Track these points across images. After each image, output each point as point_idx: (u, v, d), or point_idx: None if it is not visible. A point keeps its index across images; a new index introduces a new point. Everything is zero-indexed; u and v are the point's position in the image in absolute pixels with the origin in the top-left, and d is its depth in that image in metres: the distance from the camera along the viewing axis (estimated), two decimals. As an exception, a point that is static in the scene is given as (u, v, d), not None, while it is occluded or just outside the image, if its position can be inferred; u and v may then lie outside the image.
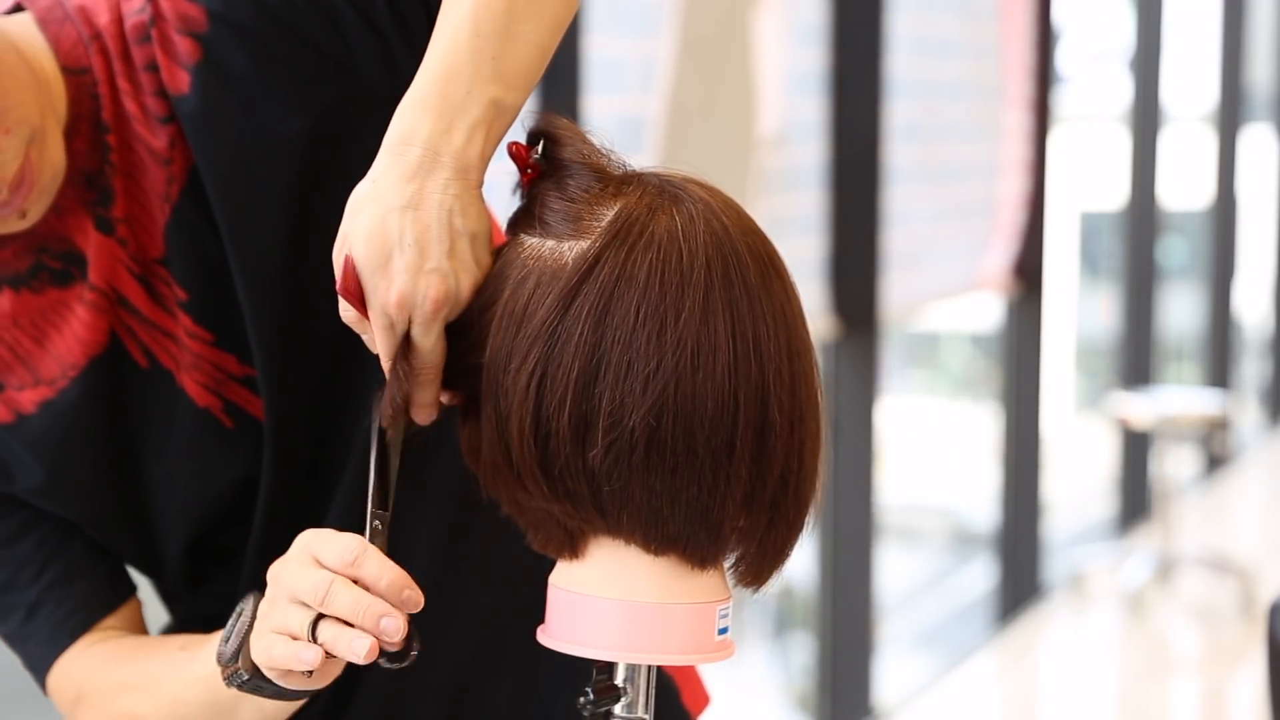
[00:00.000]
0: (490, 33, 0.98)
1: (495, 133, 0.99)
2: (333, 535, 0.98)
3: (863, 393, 3.87)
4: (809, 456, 0.95)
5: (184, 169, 1.10)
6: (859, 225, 3.81)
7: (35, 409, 1.13)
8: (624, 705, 0.98)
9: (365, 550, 0.96)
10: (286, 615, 0.97)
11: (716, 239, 0.93)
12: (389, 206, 0.96)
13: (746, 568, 0.98)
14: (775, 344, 0.93)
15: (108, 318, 1.12)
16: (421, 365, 0.99)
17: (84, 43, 1.10)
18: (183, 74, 1.09)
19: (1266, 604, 2.29)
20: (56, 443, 1.12)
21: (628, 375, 0.91)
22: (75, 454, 1.13)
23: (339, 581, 0.95)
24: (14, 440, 1.13)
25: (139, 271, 1.11)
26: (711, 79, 3.10)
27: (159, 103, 1.09)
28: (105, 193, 1.11)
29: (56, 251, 1.11)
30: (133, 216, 1.11)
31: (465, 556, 1.19)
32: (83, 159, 1.10)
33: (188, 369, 1.12)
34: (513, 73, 0.99)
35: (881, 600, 4.19)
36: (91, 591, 1.15)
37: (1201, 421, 5.51)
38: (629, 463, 0.92)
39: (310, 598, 0.96)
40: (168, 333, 1.12)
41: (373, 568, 0.96)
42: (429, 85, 0.97)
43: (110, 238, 1.11)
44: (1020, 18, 4.86)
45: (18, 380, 1.13)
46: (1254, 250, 8.59)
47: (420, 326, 0.97)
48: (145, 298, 1.12)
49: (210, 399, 1.13)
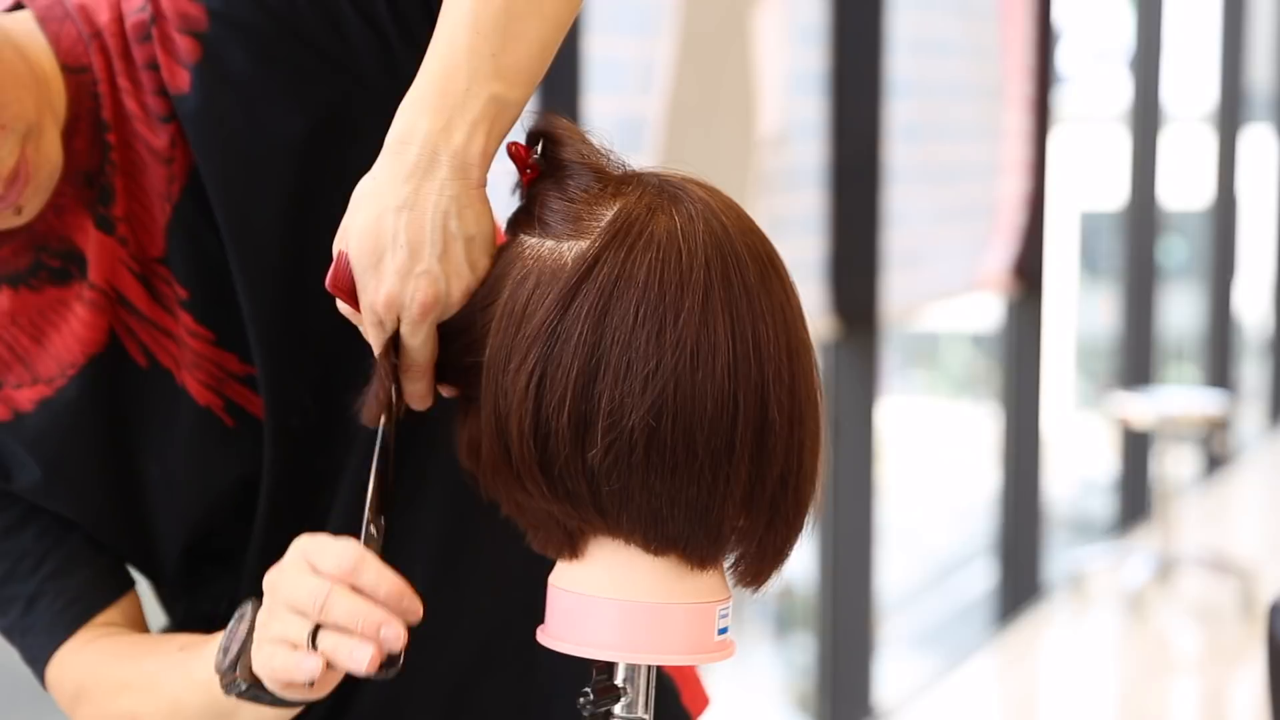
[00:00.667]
0: (490, 30, 0.97)
1: (497, 130, 0.98)
2: (329, 542, 0.97)
3: (863, 393, 3.87)
4: (808, 456, 0.95)
5: (185, 168, 1.10)
6: (859, 225, 3.81)
7: (33, 407, 1.12)
8: (624, 705, 0.98)
9: (363, 557, 0.95)
10: (286, 624, 0.96)
11: (716, 239, 0.93)
12: (385, 205, 0.96)
13: (746, 568, 0.98)
14: (775, 344, 0.93)
15: (107, 316, 1.12)
16: (410, 363, 0.99)
17: (84, 41, 1.10)
18: (183, 73, 1.09)
19: (1266, 604, 2.29)
20: (54, 442, 1.12)
21: (627, 375, 0.91)
22: (73, 453, 1.13)
23: (337, 590, 0.94)
24: (12, 439, 1.13)
25: (139, 270, 1.11)
26: (711, 79, 3.10)
27: (160, 101, 1.09)
28: (105, 191, 1.11)
29: (56, 250, 1.11)
30: (133, 215, 1.11)
31: (466, 557, 1.19)
32: (83, 158, 1.10)
33: (188, 368, 1.12)
34: (513, 69, 0.98)
35: (881, 600, 4.19)
36: (91, 583, 1.15)
37: (1201, 421, 5.51)
38: (628, 462, 0.91)
39: (308, 607, 0.95)
40: (167, 332, 1.12)
41: (371, 576, 0.95)
42: (428, 83, 0.97)
43: (110, 236, 1.11)
44: (1020, 18, 4.86)
45: (15, 379, 1.13)
46: (1254, 250, 8.59)
47: (408, 327, 0.97)
48: (145, 296, 1.12)
49: (211, 398, 1.13)
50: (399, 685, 1.04)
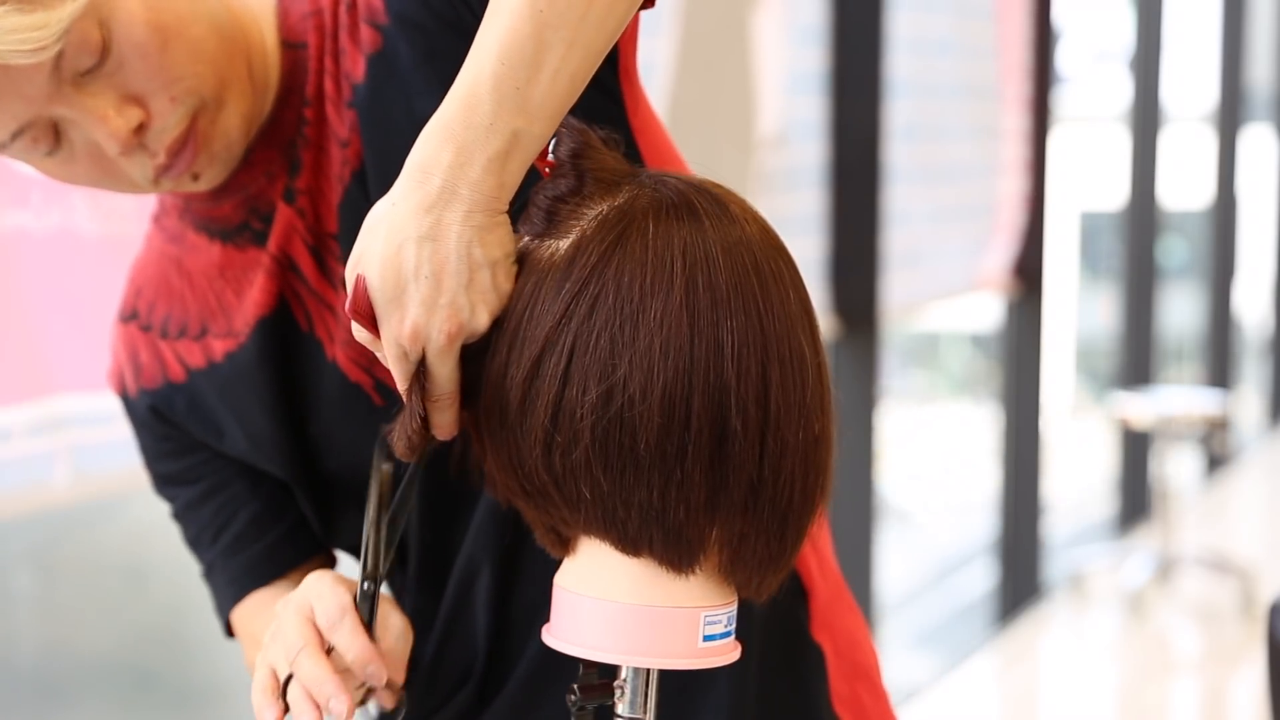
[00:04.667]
0: (517, 61, 0.94)
1: (515, 163, 0.96)
2: (329, 591, 1.04)
3: (863, 393, 3.87)
4: (790, 467, 0.94)
5: (357, 153, 1.13)
6: (859, 225, 3.81)
7: (223, 358, 1.19)
8: (626, 705, 0.98)
9: (343, 619, 1.02)
10: (275, 657, 1.03)
11: (689, 243, 0.93)
12: (406, 236, 0.94)
13: (737, 577, 0.97)
14: (745, 350, 0.92)
15: (278, 282, 1.16)
16: (438, 392, 0.98)
17: (306, 18, 1.14)
18: (361, 62, 1.13)
19: (1266, 604, 2.29)
20: (238, 393, 1.18)
21: (584, 376, 0.91)
22: (251, 407, 1.18)
23: (307, 650, 1.01)
24: (208, 387, 1.19)
25: (312, 243, 1.16)
26: (711, 79, 3.10)
27: (346, 86, 1.14)
28: (294, 163, 1.15)
29: (263, 213, 1.16)
30: (314, 189, 1.15)
31: (526, 566, 1.18)
32: (291, 129, 1.15)
33: (342, 345, 1.16)
34: (538, 103, 0.95)
35: (881, 600, 4.19)
36: (249, 566, 1.22)
37: (1201, 421, 5.51)
38: (579, 462, 0.92)
39: (286, 653, 1.02)
40: (329, 306, 1.16)
41: (343, 639, 1.02)
42: (453, 112, 0.95)
43: (290, 206, 1.15)
44: (1020, 18, 4.86)
45: (217, 328, 1.19)
46: (1254, 250, 8.59)
47: (435, 356, 0.97)
48: (314, 269, 1.16)
49: (361, 375, 1.16)
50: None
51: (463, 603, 1.18)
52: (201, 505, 1.23)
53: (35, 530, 2.42)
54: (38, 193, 1.85)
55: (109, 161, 1.09)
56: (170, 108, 1.07)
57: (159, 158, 1.08)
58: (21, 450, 1.87)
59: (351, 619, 1.02)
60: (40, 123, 1.06)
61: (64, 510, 2.23)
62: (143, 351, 1.22)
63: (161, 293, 1.22)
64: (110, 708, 2.65)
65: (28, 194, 1.83)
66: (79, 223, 1.90)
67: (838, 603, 1.26)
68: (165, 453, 1.24)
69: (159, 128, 1.07)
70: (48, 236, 1.87)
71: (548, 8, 0.93)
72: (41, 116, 1.05)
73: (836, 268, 3.80)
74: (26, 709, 2.34)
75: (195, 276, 1.20)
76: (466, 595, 1.18)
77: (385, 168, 1.10)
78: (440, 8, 1.11)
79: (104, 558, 2.67)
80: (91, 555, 2.65)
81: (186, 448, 1.23)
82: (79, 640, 2.57)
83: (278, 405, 1.18)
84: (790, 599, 1.21)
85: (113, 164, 1.09)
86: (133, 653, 2.71)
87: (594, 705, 0.99)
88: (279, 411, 1.18)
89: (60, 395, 1.90)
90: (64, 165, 1.09)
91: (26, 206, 1.84)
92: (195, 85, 1.08)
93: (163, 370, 1.21)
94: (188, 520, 1.25)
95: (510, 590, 1.17)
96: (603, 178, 0.97)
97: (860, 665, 1.26)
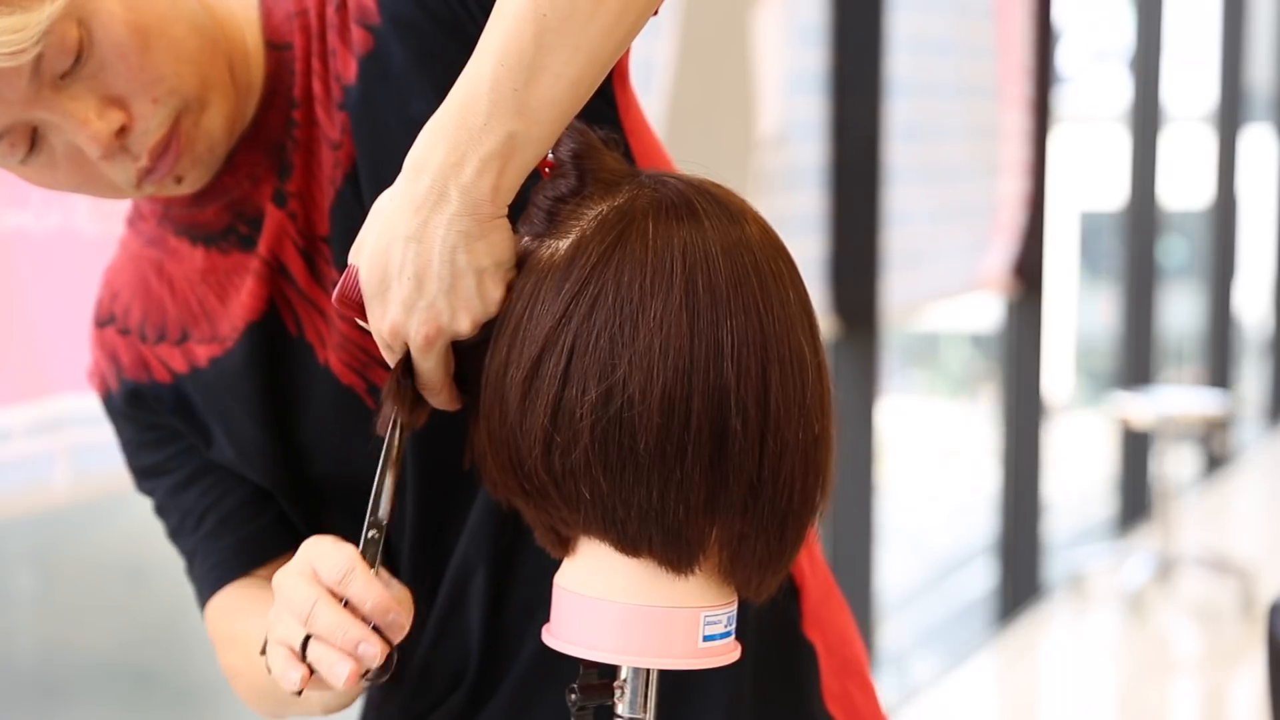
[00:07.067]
0: (515, 63, 0.93)
1: (514, 166, 0.95)
2: (331, 548, 0.98)
3: (863, 393, 3.87)
4: (790, 467, 0.94)
5: (349, 155, 1.12)
6: (859, 225, 3.81)
7: (207, 364, 1.17)
8: (626, 705, 0.98)
9: (353, 569, 0.97)
10: (287, 628, 0.98)
11: (689, 243, 0.93)
12: (395, 234, 0.95)
13: (737, 578, 0.97)
14: (744, 350, 0.92)
15: (268, 287, 1.15)
16: (424, 383, 0.99)
17: (291, 18, 1.13)
18: (353, 63, 1.11)
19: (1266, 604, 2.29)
20: (222, 398, 1.17)
21: (584, 376, 0.91)
22: (236, 411, 1.16)
23: (322, 602, 0.96)
24: (191, 391, 1.18)
25: (303, 246, 1.14)
26: (711, 79, 3.10)
27: (336, 88, 1.12)
28: (284, 166, 1.14)
29: (249, 217, 1.15)
30: (305, 192, 1.14)
31: (522, 567, 1.18)
32: (278, 131, 1.13)
33: (334, 348, 1.15)
34: (537, 106, 0.94)
35: (881, 600, 4.19)
36: (241, 545, 1.19)
37: (1201, 421, 5.52)
38: (578, 462, 0.92)
39: (299, 615, 0.97)
40: (320, 310, 1.15)
41: (358, 587, 0.96)
42: (449, 112, 0.95)
43: (281, 210, 1.14)
44: (1020, 17, 4.86)
45: (200, 333, 1.17)
46: (1254, 250, 8.59)
47: (416, 354, 0.98)
48: (305, 272, 1.15)
49: (353, 379, 1.15)
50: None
51: (456, 604, 1.17)
52: (185, 490, 1.21)
53: (35, 530, 2.42)
54: (38, 193, 1.85)
55: (90, 165, 1.07)
56: (152, 109, 1.05)
57: (141, 160, 1.07)
58: (21, 450, 1.87)
59: (363, 568, 0.97)
60: (19, 128, 1.04)
61: (64, 510, 2.22)
62: (124, 353, 1.21)
63: (138, 296, 1.20)
64: (110, 707, 2.65)
65: (28, 194, 1.83)
66: (79, 223, 1.89)
67: (828, 600, 1.26)
68: (148, 443, 1.22)
69: (141, 130, 1.05)
70: (47, 237, 1.87)
71: (551, 11, 0.93)
72: (21, 121, 1.03)
73: (836, 268, 3.80)
74: (26, 709, 2.34)
75: (176, 281, 1.18)
76: (460, 597, 1.17)
77: (378, 170, 1.10)
78: (436, 9, 1.09)
79: (104, 558, 2.67)
80: (91, 555, 2.65)
81: (169, 436, 1.21)
82: (79, 640, 2.57)
83: (264, 410, 1.16)
84: (782, 597, 1.21)
85: (94, 168, 1.07)
86: (132, 652, 2.71)
87: (594, 705, 0.99)
88: (265, 417, 1.16)
89: (60, 395, 1.90)
90: (43, 170, 1.08)
91: (26, 207, 1.84)
92: (177, 85, 1.06)
93: (147, 370, 1.20)
94: (170, 509, 1.22)
95: (505, 592, 1.17)
96: (603, 178, 0.97)
97: (851, 662, 1.26)
